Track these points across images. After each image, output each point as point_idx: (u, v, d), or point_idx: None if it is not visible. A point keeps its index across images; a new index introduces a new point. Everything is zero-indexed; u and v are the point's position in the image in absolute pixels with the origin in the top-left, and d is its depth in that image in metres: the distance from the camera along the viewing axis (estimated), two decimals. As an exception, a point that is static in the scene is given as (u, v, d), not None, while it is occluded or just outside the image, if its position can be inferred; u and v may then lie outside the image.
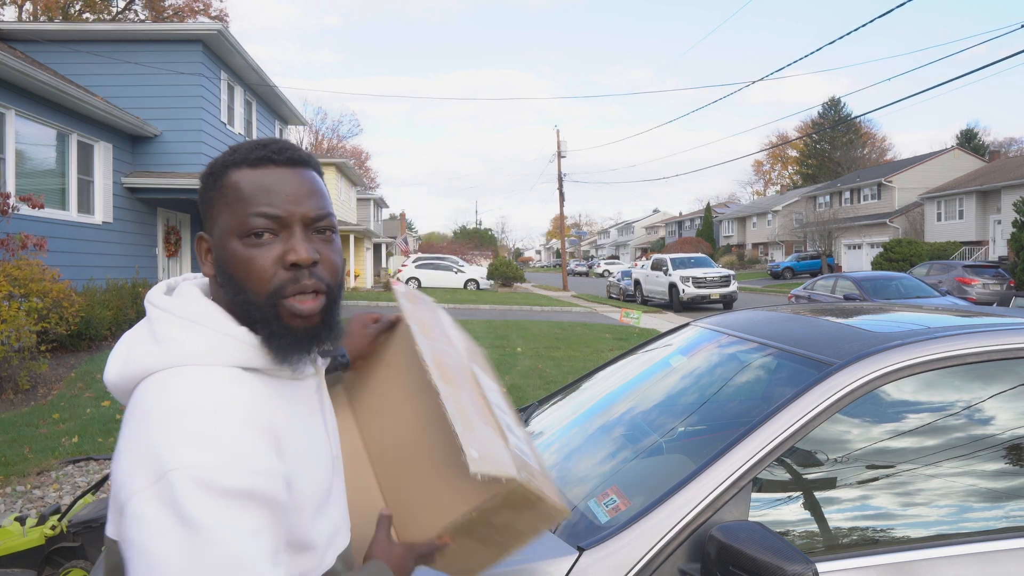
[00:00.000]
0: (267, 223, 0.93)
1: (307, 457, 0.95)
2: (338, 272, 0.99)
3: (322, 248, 0.97)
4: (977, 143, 51.53)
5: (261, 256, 0.92)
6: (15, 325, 6.86)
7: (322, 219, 0.97)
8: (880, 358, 1.64)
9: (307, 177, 0.98)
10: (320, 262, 0.95)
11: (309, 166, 1.00)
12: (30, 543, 3.00)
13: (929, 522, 1.59)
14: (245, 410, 0.86)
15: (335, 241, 1.00)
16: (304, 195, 0.96)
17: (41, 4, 29.71)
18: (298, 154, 0.99)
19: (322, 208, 0.97)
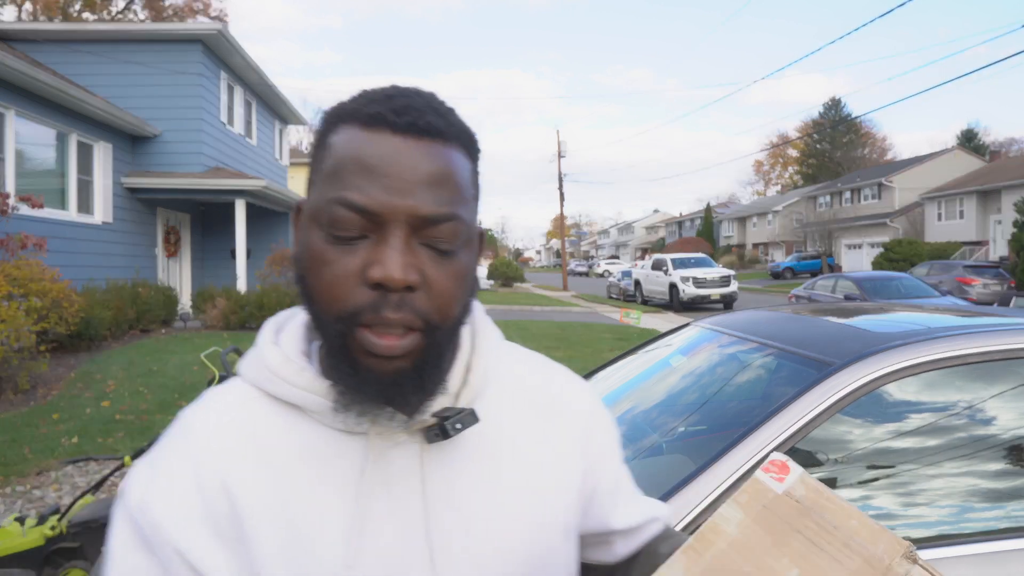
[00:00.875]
0: (354, 217, 0.63)
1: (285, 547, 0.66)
2: (451, 305, 0.66)
3: (431, 266, 0.64)
4: (977, 143, 51.52)
5: (340, 261, 0.64)
6: (15, 325, 6.85)
7: (439, 221, 0.64)
8: (881, 358, 1.64)
9: (433, 156, 0.64)
10: (422, 287, 0.64)
11: (442, 138, 0.65)
12: (30, 543, 3.00)
13: (929, 522, 1.58)
14: (191, 440, 0.70)
15: (458, 259, 0.66)
16: (418, 182, 0.63)
17: (41, 4, 29.71)
18: (425, 119, 0.64)
19: (440, 206, 0.64)
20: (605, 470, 0.84)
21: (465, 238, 0.67)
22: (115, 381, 7.92)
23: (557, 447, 0.79)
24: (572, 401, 0.83)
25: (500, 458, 0.74)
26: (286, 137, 21.15)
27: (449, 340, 0.68)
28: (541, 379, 0.83)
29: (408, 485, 0.69)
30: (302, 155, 29.86)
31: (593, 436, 0.83)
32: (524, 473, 0.75)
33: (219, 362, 3.10)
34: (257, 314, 12.48)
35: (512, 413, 0.78)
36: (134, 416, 6.49)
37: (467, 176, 0.68)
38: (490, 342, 0.79)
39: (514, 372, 0.81)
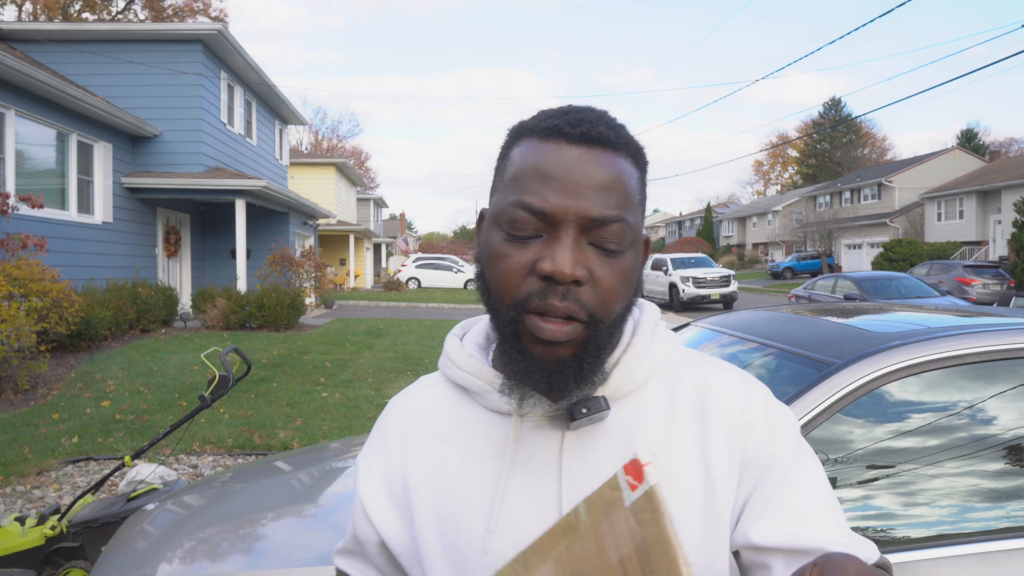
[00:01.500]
0: (530, 218, 0.71)
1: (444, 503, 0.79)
2: (613, 300, 0.72)
3: (598, 265, 0.71)
4: (977, 143, 51.53)
5: (515, 255, 0.71)
6: (15, 325, 6.86)
7: (607, 223, 0.70)
8: (880, 358, 1.64)
9: (602, 163, 0.71)
10: (588, 283, 0.70)
11: (612, 148, 0.72)
12: (30, 543, 3.00)
13: (930, 522, 1.58)
14: (387, 421, 0.88)
15: (623, 259, 0.72)
16: (590, 187, 0.70)
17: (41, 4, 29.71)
18: (596, 130, 0.72)
19: (608, 209, 0.70)
20: (762, 475, 0.75)
21: (631, 240, 0.73)
22: (115, 381, 7.92)
23: (703, 453, 0.76)
24: (720, 401, 0.78)
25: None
26: (286, 137, 21.14)
27: (610, 334, 0.73)
28: (695, 382, 0.81)
29: (546, 466, 0.76)
30: (302, 155, 29.85)
31: (747, 439, 0.76)
32: (663, 480, 0.73)
33: (219, 362, 3.10)
34: (257, 314, 12.48)
35: (661, 415, 0.78)
36: (134, 416, 6.49)
37: (634, 184, 0.74)
38: (648, 339, 0.81)
39: (675, 377, 0.81)
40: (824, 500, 0.75)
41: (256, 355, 9.83)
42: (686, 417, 0.78)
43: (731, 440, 0.76)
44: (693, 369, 0.82)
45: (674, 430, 0.77)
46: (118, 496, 3.22)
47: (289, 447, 5.65)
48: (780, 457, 0.76)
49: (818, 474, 0.77)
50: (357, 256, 31.82)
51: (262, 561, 1.87)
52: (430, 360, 10.14)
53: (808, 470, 0.76)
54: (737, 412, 0.77)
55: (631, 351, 0.79)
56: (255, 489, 2.43)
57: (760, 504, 0.74)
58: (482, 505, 0.77)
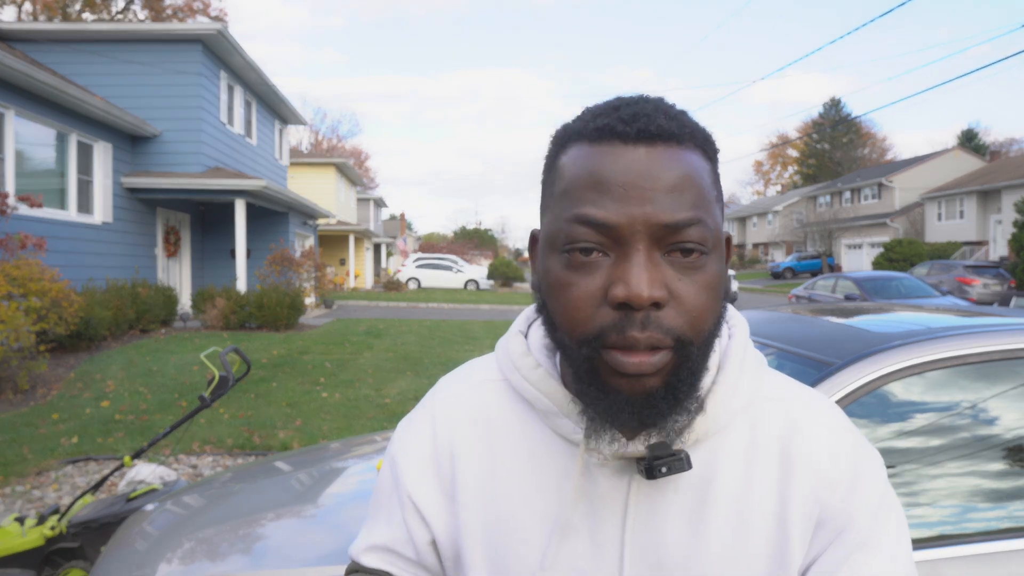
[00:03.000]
0: (592, 234, 0.61)
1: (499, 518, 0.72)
2: (703, 318, 0.62)
3: (678, 280, 0.61)
4: (978, 143, 51.53)
5: (581, 284, 0.62)
6: (14, 325, 6.85)
7: (683, 227, 0.60)
8: (881, 358, 1.64)
9: (668, 160, 0.61)
10: (669, 303, 0.61)
11: (677, 141, 0.62)
12: (29, 543, 3.00)
13: (930, 523, 1.58)
14: (437, 408, 0.78)
15: (707, 268, 0.62)
16: (656, 189, 0.60)
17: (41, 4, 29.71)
18: (655, 123, 0.62)
19: (682, 211, 0.60)
20: (836, 536, 0.67)
21: (713, 244, 0.62)
22: (115, 381, 7.92)
23: (781, 506, 0.67)
24: (806, 450, 0.69)
25: (712, 509, 0.68)
26: (286, 137, 21.14)
27: (703, 355, 0.63)
28: (784, 421, 0.70)
29: (611, 508, 0.69)
30: (302, 155, 29.86)
31: (829, 497, 0.67)
32: (734, 532, 0.67)
33: (219, 362, 3.09)
34: (257, 314, 12.48)
35: (741, 461, 0.69)
36: (134, 416, 6.48)
37: (707, 178, 0.63)
38: (737, 373, 0.70)
39: (761, 413, 0.71)
40: (901, 570, 0.67)
41: (256, 355, 9.83)
42: (768, 465, 0.69)
43: (813, 496, 0.68)
44: (780, 406, 0.71)
45: (755, 480, 0.68)
46: (118, 496, 3.22)
47: (289, 447, 5.64)
48: (860, 519, 0.67)
49: (900, 537, 0.69)
50: (357, 256, 31.82)
51: (262, 561, 1.87)
52: (430, 360, 10.14)
53: (889, 534, 0.68)
54: (823, 465, 0.68)
55: (718, 389, 0.68)
56: (255, 489, 2.43)
57: (828, 567, 0.67)
58: (537, 536, 0.70)
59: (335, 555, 1.80)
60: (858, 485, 0.68)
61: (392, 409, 7.01)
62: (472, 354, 10.92)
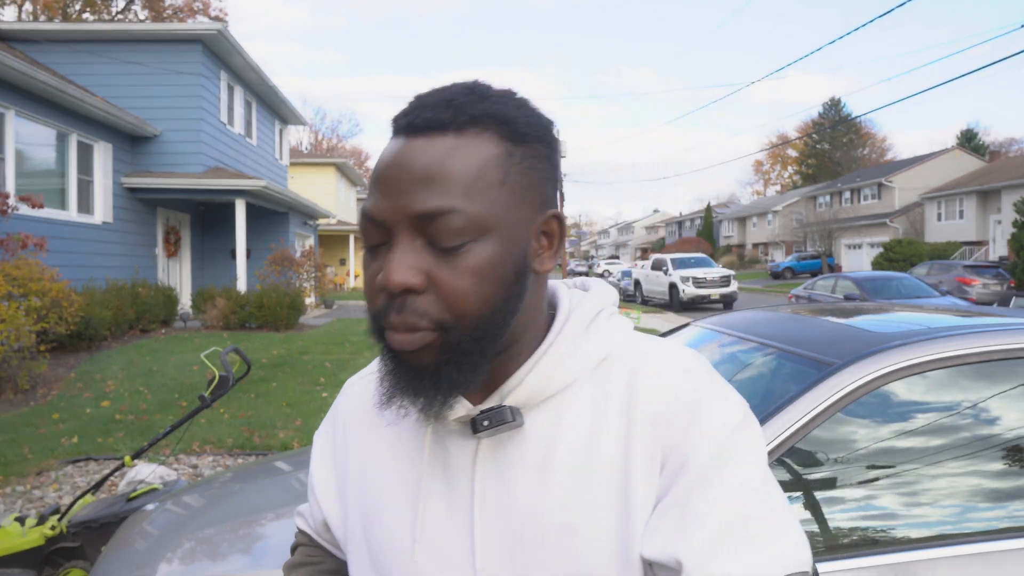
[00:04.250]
0: (370, 227, 0.66)
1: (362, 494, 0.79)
2: (464, 303, 0.63)
3: (438, 266, 0.63)
4: (977, 143, 51.52)
5: (369, 269, 0.68)
6: (14, 325, 6.85)
7: (435, 216, 0.62)
8: (881, 358, 1.64)
9: (425, 150, 0.63)
10: (428, 289, 0.63)
11: (443, 130, 0.64)
12: (30, 543, 3.00)
13: (930, 522, 1.58)
14: (338, 402, 0.88)
15: (470, 254, 0.63)
16: (411, 180, 0.63)
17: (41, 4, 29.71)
18: (422, 116, 0.65)
19: (431, 200, 0.62)
20: (675, 477, 0.66)
21: (478, 230, 0.63)
22: (115, 381, 7.92)
23: (624, 454, 0.68)
24: (649, 395, 0.69)
25: (556, 461, 0.69)
26: (286, 137, 21.14)
27: (477, 340, 0.65)
28: (628, 374, 0.71)
29: (461, 474, 0.72)
30: (302, 155, 29.85)
31: (668, 434, 0.67)
32: (578, 481, 0.68)
33: (219, 362, 3.10)
34: (257, 314, 12.48)
35: (587, 415, 0.70)
36: (134, 416, 6.48)
37: (483, 162, 0.64)
38: (576, 339, 0.72)
39: (609, 372, 0.72)
40: (737, 510, 0.63)
41: (256, 355, 9.83)
42: (612, 416, 0.69)
43: (654, 440, 0.67)
44: (626, 361, 0.72)
45: (600, 432, 0.69)
46: (118, 496, 3.22)
47: (289, 447, 5.65)
48: (697, 457, 0.65)
49: (746, 474, 0.65)
50: (357, 256, 31.81)
51: (262, 561, 1.87)
52: (430, 360, 10.13)
53: (731, 471, 0.65)
54: (661, 408, 0.68)
55: (551, 354, 0.71)
56: (255, 489, 2.43)
57: (665, 507, 0.65)
58: (406, 512, 0.74)
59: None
60: (696, 425, 0.66)
61: (392, 409, 7.00)
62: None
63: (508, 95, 0.69)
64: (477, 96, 0.66)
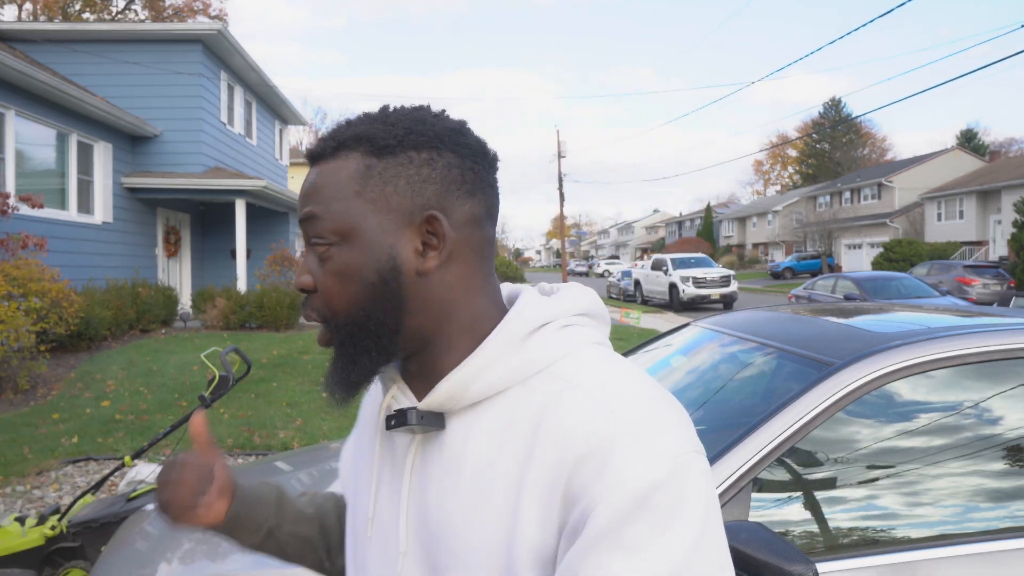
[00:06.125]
0: None
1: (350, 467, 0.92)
2: (332, 301, 0.72)
3: (317, 269, 0.73)
4: (977, 143, 51.52)
5: None
6: (14, 325, 6.85)
7: (303, 224, 0.74)
8: (881, 358, 1.64)
9: (308, 175, 0.76)
10: (315, 290, 0.74)
11: (322, 158, 0.75)
12: (30, 543, 3.00)
13: (930, 522, 1.58)
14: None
15: (333, 258, 0.72)
16: (301, 198, 0.75)
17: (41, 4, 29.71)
18: (312, 147, 0.76)
19: (302, 210, 0.74)
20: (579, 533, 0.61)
21: (337, 234, 0.71)
22: (115, 381, 7.92)
23: (521, 473, 0.66)
24: (559, 421, 0.65)
25: (463, 470, 0.70)
26: (286, 137, 21.14)
27: (350, 335, 0.73)
28: (548, 395, 0.68)
29: (399, 464, 0.78)
30: (302, 155, 29.82)
31: (576, 473, 0.62)
32: (478, 493, 0.68)
33: (219, 362, 3.10)
34: (257, 314, 12.47)
35: (498, 429, 0.69)
36: (134, 416, 6.48)
37: (338, 178, 0.72)
38: (497, 352, 0.71)
39: (532, 386, 0.70)
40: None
41: (256, 355, 9.83)
42: (521, 434, 0.67)
43: (556, 465, 0.63)
44: (552, 382, 0.69)
45: (506, 447, 0.68)
46: (118, 496, 3.22)
47: (289, 447, 5.65)
48: (606, 508, 0.59)
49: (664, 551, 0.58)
50: (357, 256, 31.83)
51: (262, 561, 1.87)
52: (430, 360, 10.13)
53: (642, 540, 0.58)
54: (573, 439, 0.63)
55: (472, 361, 0.71)
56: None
57: (571, 557, 0.60)
58: (368, 491, 0.81)
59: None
60: (604, 474, 0.61)
61: (392, 409, 7.00)
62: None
63: (389, 115, 0.75)
64: (356, 122, 0.76)
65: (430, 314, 0.73)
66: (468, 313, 0.74)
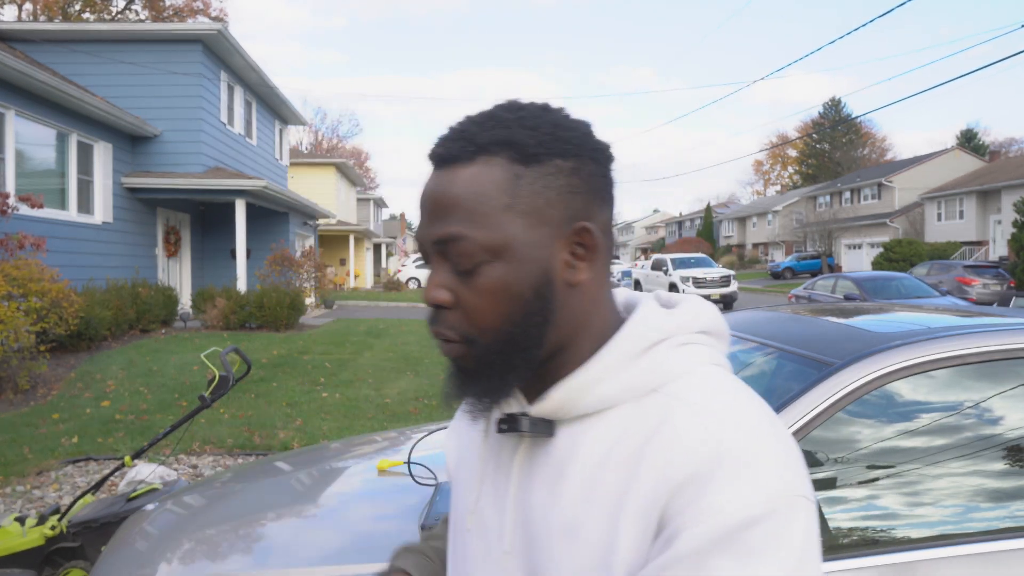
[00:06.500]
0: (420, 249, 0.74)
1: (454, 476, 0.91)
2: (482, 319, 0.69)
3: (460, 286, 0.69)
4: (977, 143, 51.54)
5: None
6: (14, 325, 6.85)
7: (446, 243, 0.68)
8: (881, 358, 1.64)
9: (440, 182, 0.69)
10: (456, 305, 0.69)
11: (456, 162, 0.69)
12: (30, 543, 3.00)
13: (930, 522, 1.58)
14: None
15: (483, 275, 0.68)
16: (431, 211, 0.70)
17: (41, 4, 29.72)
18: (437, 152, 0.71)
19: (441, 228, 0.68)
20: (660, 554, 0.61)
21: (488, 253, 0.67)
22: (115, 381, 7.92)
23: (621, 495, 0.65)
24: (667, 450, 0.64)
25: (566, 480, 0.70)
26: (286, 137, 21.14)
27: (498, 351, 0.70)
28: (660, 416, 0.67)
29: (506, 465, 0.78)
30: (302, 155, 29.85)
31: (671, 501, 0.62)
32: (577, 506, 0.68)
33: (219, 362, 3.09)
34: (257, 314, 12.48)
35: (605, 444, 0.69)
36: (134, 416, 6.48)
37: (483, 190, 0.67)
38: (613, 368, 0.70)
39: (647, 403, 0.69)
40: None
41: (256, 355, 9.83)
42: (626, 453, 0.67)
43: (654, 492, 0.63)
44: (667, 401, 0.68)
45: (610, 464, 0.67)
46: (118, 496, 3.22)
47: (289, 447, 5.65)
48: (691, 536, 0.59)
49: None
50: (357, 256, 31.81)
51: (262, 561, 1.87)
52: (430, 360, 10.14)
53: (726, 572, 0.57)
54: (674, 467, 0.63)
55: (586, 372, 0.70)
56: (255, 489, 2.43)
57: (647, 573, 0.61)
58: (471, 484, 0.82)
59: (336, 555, 1.80)
60: (699, 501, 0.60)
61: (392, 409, 7.01)
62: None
63: (526, 116, 0.69)
64: (492, 123, 0.69)
65: (570, 325, 0.71)
66: (598, 321, 0.73)
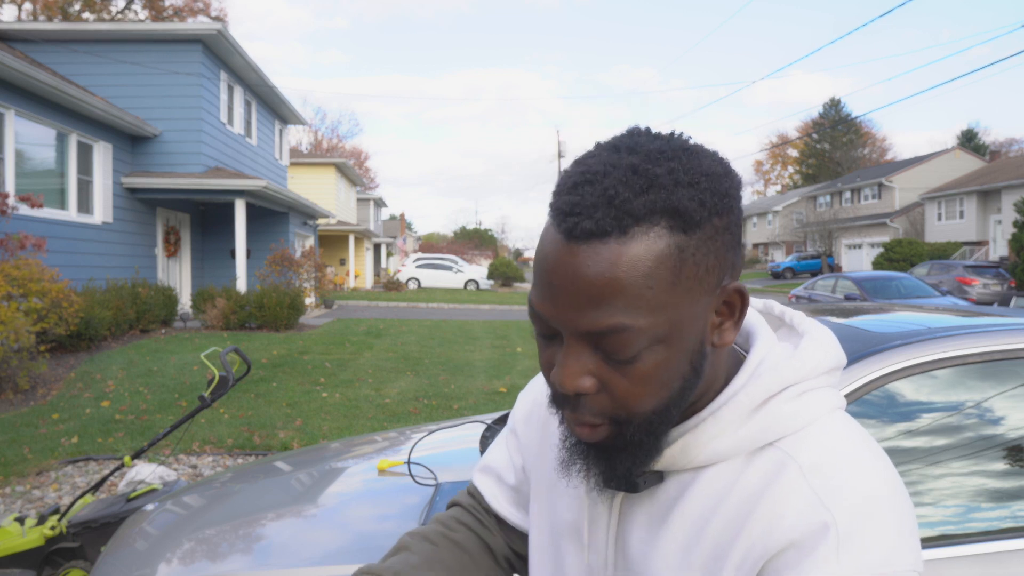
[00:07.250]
0: (540, 322, 0.64)
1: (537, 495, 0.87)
2: (636, 402, 0.63)
3: (609, 371, 0.62)
4: (977, 143, 51.53)
5: (544, 351, 0.67)
6: (14, 325, 6.85)
7: (604, 335, 0.60)
8: (881, 358, 1.64)
9: (592, 262, 0.58)
10: (602, 390, 0.63)
11: (611, 236, 0.58)
12: (29, 543, 3.00)
13: (931, 522, 1.58)
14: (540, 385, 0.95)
15: (640, 362, 0.61)
16: (576, 294, 0.59)
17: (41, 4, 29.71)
18: (583, 226, 0.58)
19: (600, 319, 0.59)
20: None
21: (648, 341, 0.60)
22: (115, 381, 7.92)
23: (721, 549, 0.65)
24: (773, 512, 0.62)
25: (669, 527, 0.69)
26: (286, 137, 21.14)
27: (648, 428, 0.65)
28: (771, 473, 0.64)
29: (605, 516, 0.76)
30: (302, 155, 29.85)
31: (770, 565, 0.61)
32: (677, 556, 0.68)
33: (219, 362, 3.09)
34: (257, 314, 12.48)
35: (712, 496, 0.67)
36: (134, 416, 6.48)
37: (648, 269, 0.58)
38: (730, 423, 0.67)
39: (761, 462, 0.66)
40: None
41: (256, 355, 9.83)
42: (733, 508, 0.65)
43: (754, 554, 0.62)
44: (781, 462, 0.65)
45: (715, 517, 0.66)
46: (118, 496, 3.22)
47: (289, 447, 5.64)
48: None
49: None
50: (357, 256, 31.81)
51: (262, 561, 1.87)
52: (430, 360, 10.14)
53: None
54: (778, 531, 0.61)
55: (703, 429, 0.67)
56: (255, 489, 2.43)
57: None
58: (572, 503, 0.79)
59: (336, 555, 1.80)
60: (807, 569, 0.58)
61: (392, 409, 7.01)
62: (472, 354, 10.92)
63: (677, 169, 0.60)
64: (644, 183, 0.59)
65: (707, 381, 0.68)
66: (721, 374, 0.70)
